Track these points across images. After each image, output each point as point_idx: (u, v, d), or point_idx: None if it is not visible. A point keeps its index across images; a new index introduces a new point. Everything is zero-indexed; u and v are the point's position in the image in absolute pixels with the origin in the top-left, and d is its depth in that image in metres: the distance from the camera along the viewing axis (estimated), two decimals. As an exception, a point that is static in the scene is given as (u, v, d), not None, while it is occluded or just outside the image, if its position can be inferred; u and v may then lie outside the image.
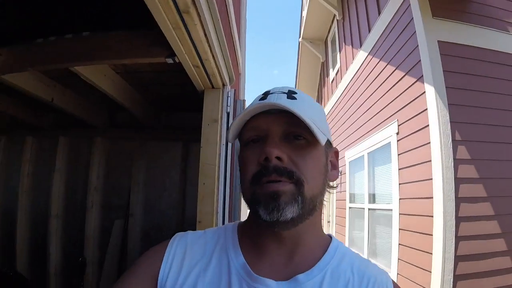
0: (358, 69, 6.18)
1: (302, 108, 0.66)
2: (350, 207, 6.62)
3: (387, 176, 4.92)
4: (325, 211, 8.75)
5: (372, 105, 5.41)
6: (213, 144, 2.35)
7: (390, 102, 4.77)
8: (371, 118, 5.45)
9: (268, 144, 0.66)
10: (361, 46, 6.10)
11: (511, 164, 3.69)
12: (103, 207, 3.98)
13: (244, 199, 0.72)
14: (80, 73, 2.39)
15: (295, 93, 0.72)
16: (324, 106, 9.09)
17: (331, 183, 0.76)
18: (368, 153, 5.60)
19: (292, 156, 0.67)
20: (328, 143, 0.73)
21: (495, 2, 4.26)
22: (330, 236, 0.79)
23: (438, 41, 3.86)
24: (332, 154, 0.77)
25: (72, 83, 3.01)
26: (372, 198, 5.46)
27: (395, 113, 4.63)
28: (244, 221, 0.80)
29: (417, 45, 4.01)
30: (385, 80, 4.95)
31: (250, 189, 0.68)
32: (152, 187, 4.09)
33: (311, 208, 0.68)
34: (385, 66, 4.95)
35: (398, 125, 4.51)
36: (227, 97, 2.49)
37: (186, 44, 1.78)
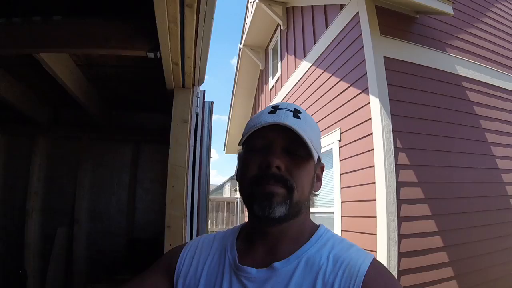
0: (300, 79, 6.46)
1: (303, 128, 0.79)
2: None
3: (327, 181, 5.18)
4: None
5: (314, 113, 5.67)
6: (183, 146, 2.29)
7: (333, 111, 5.07)
8: (313, 125, 5.70)
9: (270, 154, 0.78)
10: (304, 56, 6.39)
11: (444, 170, 4.19)
12: (45, 213, 3.58)
13: (241, 195, 0.85)
14: (45, 62, 2.14)
15: (300, 112, 0.84)
16: (261, 112, 9.24)
17: (315, 192, 0.89)
18: (308, 158, 5.83)
19: (289, 166, 0.79)
20: (318, 159, 0.85)
21: (436, 25, 4.81)
22: (320, 226, 0.90)
23: (384, 57, 4.22)
24: (319, 168, 0.89)
25: (22, 74, 2.76)
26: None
27: (338, 121, 4.92)
28: (246, 222, 0.94)
29: (364, 59, 4.33)
30: (329, 90, 5.25)
31: (249, 188, 0.80)
32: (99, 191, 3.77)
33: (297, 211, 0.80)
34: (329, 77, 5.25)
35: (341, 133, 4.80)
36: (197, 97, 2.46)
37: (175, 40, 1.72)
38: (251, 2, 8.56)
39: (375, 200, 3.90)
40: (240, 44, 9.38)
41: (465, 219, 4.16)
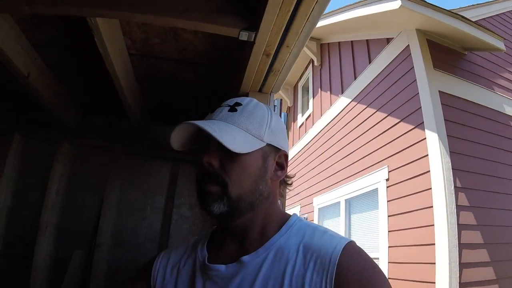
0: (337, 115, 6.43)
1: (236, 120, 0.83)
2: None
3: (370, 224, 5.02)
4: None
5: (354, 151, 5.58)
6: None
7: (379, 148, 4.96)
8: (352, 164, 5.60)
9: (204, 153, 0.82)
10: (342, 92, 6.41)
11: (503, 213, 4.09)
12: (61, 231, 3.06)
13: None
14: (98, 30, 1.62)
15: (240, 104, 0.88)
16: (288, 151, 9.19)
17: (288, 181, 0.98)
18: (346, 199, 5.68)
19: (223, 161, 0.81)
20: (273, 147, 0.87)
21: (483, 63, 4.94)
22: (293, 216, 0.91)
23: (439, 91, 4.19)
24: (280, 156, 0.89)
25: (55, 61, 2.28)
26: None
27: (385, 159, 4.80)
28: None
29: (417, 93, 4.31)
30: (373, 126, 5.18)
31: (196, 188, 0.86)
32: (128, 214, 3.58)
33: (244, 205, 0.82)
34: (374, 113, 5.20)
35: (389, 171, 4.67)
36: (274, 105, 2.24)
37: (283, 17, 1.39)
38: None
39: (434, 244, 3.71)
40: (268, 80, 9.47)
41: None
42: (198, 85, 2.58)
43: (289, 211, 7.86)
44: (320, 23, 6.72)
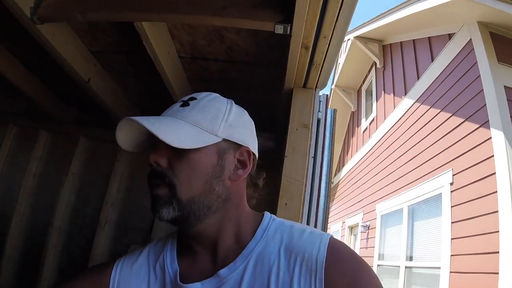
0: (400, 118, 6.19)
1: (186, 114, 0.77)
2: (378, 265, 6.33)
3: (431, 231, 4.74)
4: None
5: (417, 154, 5.32)
6: (301, 155, 1.93)
7: (443, 151, 4.68)
8: (415, 168, 5.34)
9: (151, 151, 0.78)
10: (405, 94, 6.16)
11: None
12: (119, 227, 3.33)
13: None
14: (145, 34, 1.71)
15: (195, 99, 0.81)
16: (351, 157, 9.07)
17: (257, 181, 0.90)
18: (409, 205, 5.41)
19: (172, 160, 0.76)
20: (232, 143, 0.80)
21: None
22: (264, 216, 0.84)
23: (505, 86, 3.89)
24: (242, 152, 0.82)
25: (113, 67, 2.41)
26: (410, 255, 5.22)
27: (449, 161, 4.52)
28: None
29: (482, 90, 4.01)
30: (437, 127, 4.91)
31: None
32: None
33: (198, 208, 0.75)
34: (438, 113, 4.93)
35: (453, 175, 4.38)
36: (319, 101, 2.15)
37: (315, 7, 1.40)
38: (345, 41, 8.60)
39: (498, 252, 3.41)
40: (332, 84, 9.38)
41: None
42: (245, 84, 2.60)
43: (351, 219, 7.74)
44: (380, 23, 6.58)
